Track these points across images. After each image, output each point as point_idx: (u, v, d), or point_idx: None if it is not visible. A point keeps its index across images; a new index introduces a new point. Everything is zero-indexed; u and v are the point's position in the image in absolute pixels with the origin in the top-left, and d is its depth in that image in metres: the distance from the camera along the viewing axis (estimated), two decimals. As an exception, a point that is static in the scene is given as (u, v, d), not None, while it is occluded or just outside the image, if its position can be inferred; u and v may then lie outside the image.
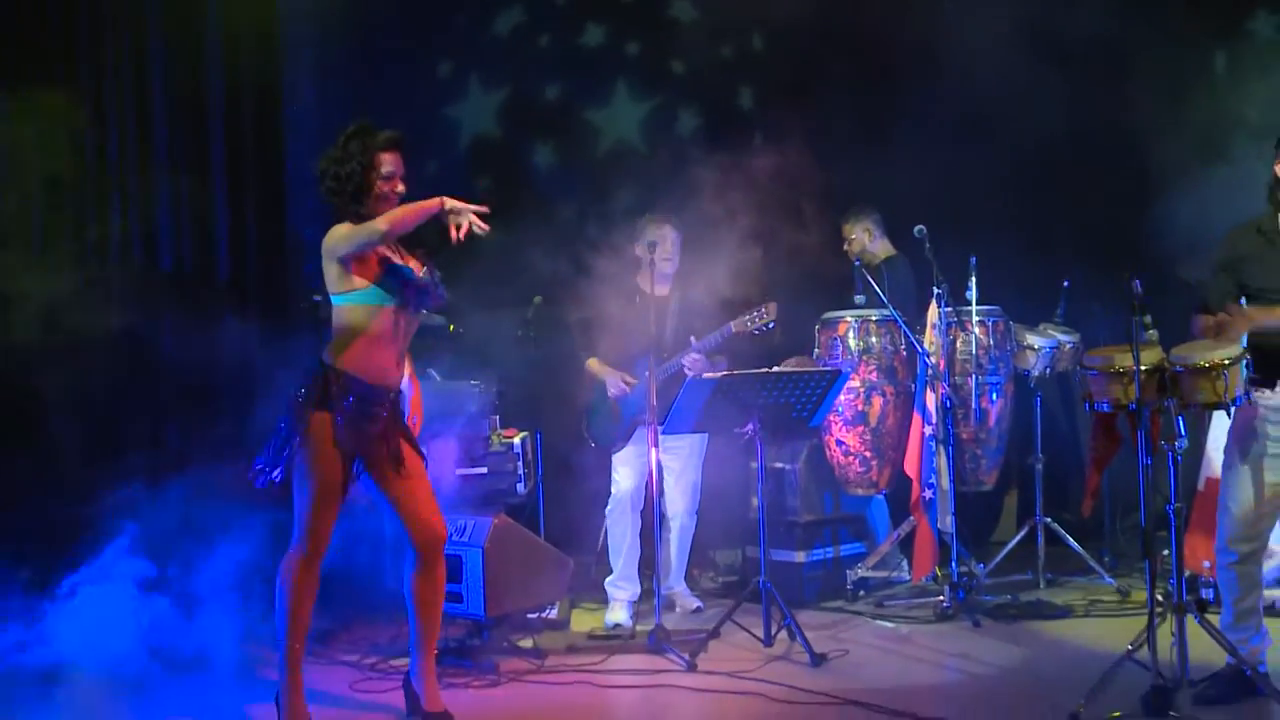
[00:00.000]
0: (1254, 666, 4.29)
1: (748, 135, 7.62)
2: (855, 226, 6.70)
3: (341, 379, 4.16)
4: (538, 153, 7.95)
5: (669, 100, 7.89)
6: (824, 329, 6.36)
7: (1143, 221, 6.41)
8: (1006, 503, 7.46)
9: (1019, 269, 6.56)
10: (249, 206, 6.74)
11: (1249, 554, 4.35)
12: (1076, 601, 5.91)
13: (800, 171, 6.18)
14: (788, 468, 6.26)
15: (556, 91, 7.86)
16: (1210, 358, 4.15)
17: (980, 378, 6.09)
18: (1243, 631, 4.37)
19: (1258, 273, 4.31)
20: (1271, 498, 4.29)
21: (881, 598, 6.07)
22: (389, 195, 4.26)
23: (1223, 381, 4.13)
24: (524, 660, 5.15)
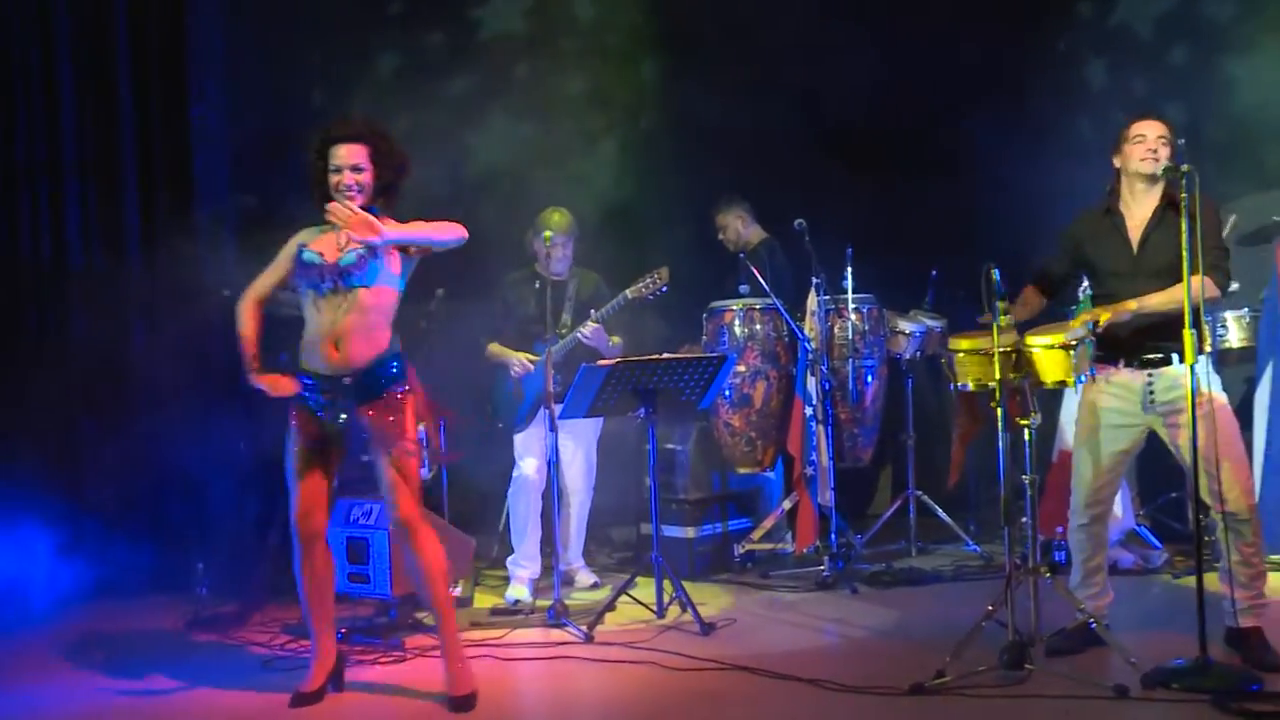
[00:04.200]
0: (1099, 620, 4.49)
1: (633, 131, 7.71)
2: (727, 215, 6.84)
3: (297, 373, 4.23)
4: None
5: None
6: (711, 318, 6.44)
7: (999, 214, 6.62)
8: (882, 478, 7.66)
9: (891, 259, 6.70)
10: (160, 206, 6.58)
11: (1096, 517, 4.54)
12: (945, 567, 6.11)
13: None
14: (678, 449, 6.34)
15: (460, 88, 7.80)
16: (1060, 340, 4.31)
17: (857, 361, 6.23)
18: (1090, 588, 4.57)
19: (1098, 253, 4.49)
20: (1112, 466, 4.48)
21: (767, 569, 6.19)
22: (346, 188, 4.18)
23: (1070, 361, 4.31)
24: (430, 636, 5.15)
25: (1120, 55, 7.60)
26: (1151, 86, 7.42)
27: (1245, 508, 4.30)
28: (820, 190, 6.77)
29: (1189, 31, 7.39)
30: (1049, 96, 7.39)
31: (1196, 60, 7.34)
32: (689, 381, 5.35)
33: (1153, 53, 7.50)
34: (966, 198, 7.10)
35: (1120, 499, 5.86)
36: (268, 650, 5.08)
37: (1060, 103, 7.48)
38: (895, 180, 7.33)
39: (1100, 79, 7.73)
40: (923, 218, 7.37)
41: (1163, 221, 4.38)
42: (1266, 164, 7.01)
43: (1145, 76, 7.48)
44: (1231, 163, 6.79)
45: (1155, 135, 4.37)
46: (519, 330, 5.90)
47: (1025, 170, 6.67)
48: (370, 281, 4.21)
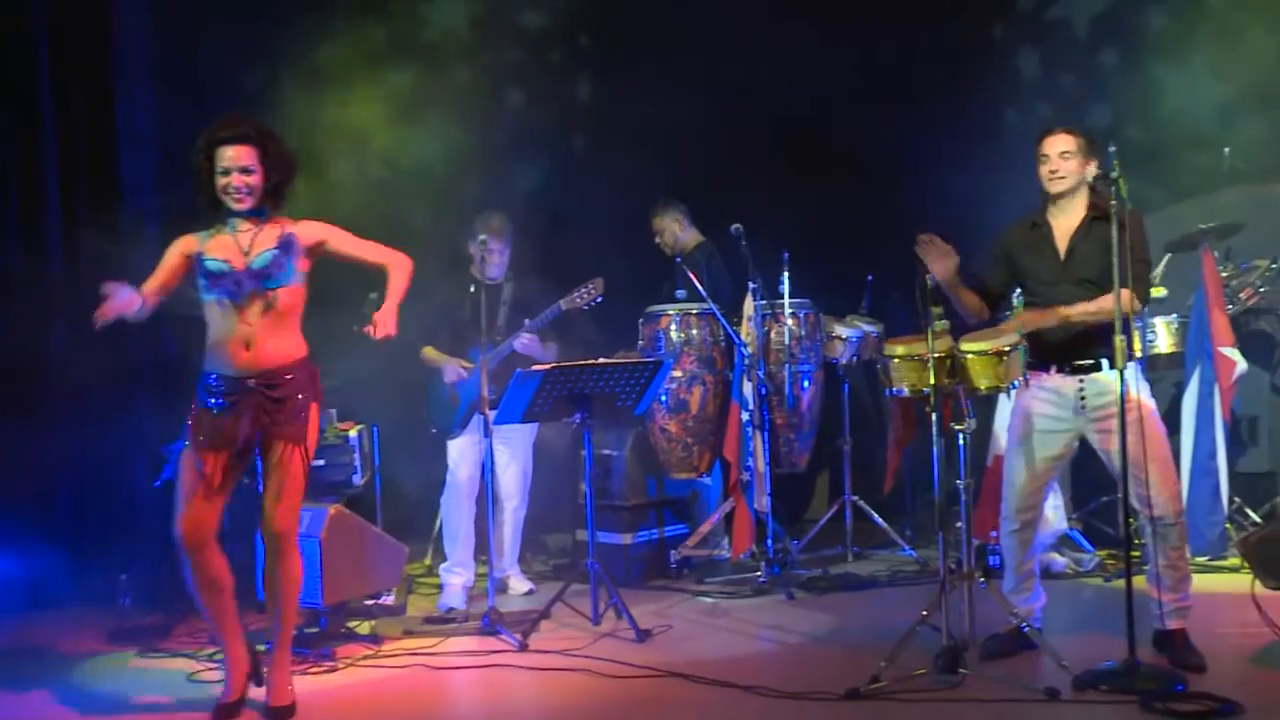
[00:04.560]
0: (1030, 623, 4.54)
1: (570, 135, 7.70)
2: (664, 218, 6.84)
3: (200, 373, 4.16)
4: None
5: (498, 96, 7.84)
6: (647, 323, 6.43)
7: (936, 217, 6.67)
8: (818, 483, 7.70)
9: (828, 264, 6.74)
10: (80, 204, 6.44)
11: (1027, 522, 4.59)
12: (881, 572, 6.15)
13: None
14: (614, 454, 6.32)
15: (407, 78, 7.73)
16: (993, 345, 4.36)
17: (793, 366, 6.25)
18: (1022, 593, 4.62)
19: (1027, 262, 4.55)
20: (1044, 471, 4.53)
21: (703, 575, 6.18)
22: (235, 190, 4.11)
23: (1003, 367, 4.35)
24: (361, 646, 5.09)
25: (1053, 53, 7.72)
26: (1082, 86, 7.55)
27: (1172, 512, 4.37)
28: (758, 194, 6.80)
29: (1121, 34, 7.52)
30: (984, 98, 7.48)
31: (1126, 63, 7.48)
32: (625, 387, 5.33)
33: (1086, 51, 7.61)
34: (903, 201, 7.14)
35: (1053, 503, 5.95)
36: (193, 662, 4.97)
37: (995, 104, 7.58)
38: (832, 184, 7.39)
39: (1033, 76, 7.85)
40: (859, 221, 7.42)
41: (1090, 231, 4.43)
42: (1192, 171, 7.15)
43: (1076, 75, 7.61)
44: (1157, 169, 6.92)
45: (1056, 153, 4.43)
46: (453, 335, 5.84)
47: (961, 172, 6.75)
48: (287, 280, 4.18)
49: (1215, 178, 6.95)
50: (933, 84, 7.40)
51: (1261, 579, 4.32)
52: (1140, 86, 7.31)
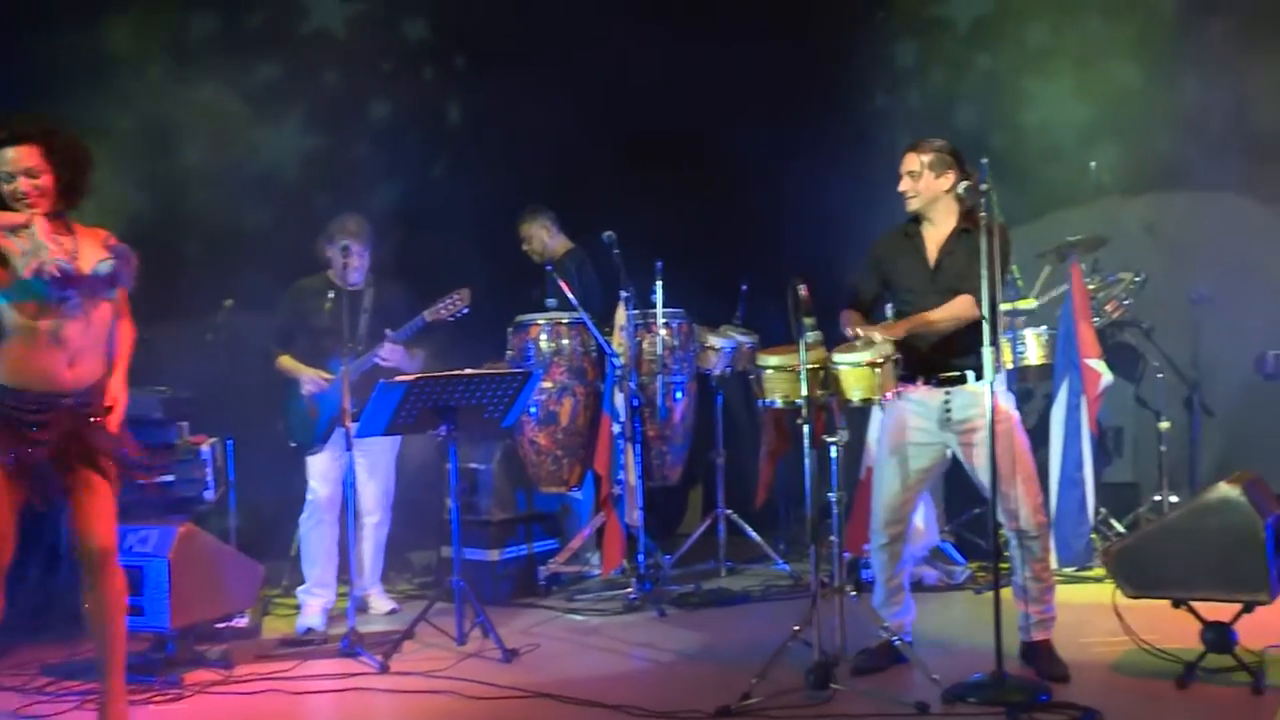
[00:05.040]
0: (901, 637, 4.63)
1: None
2: (532, 225, 6.82)
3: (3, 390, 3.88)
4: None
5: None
6: (516, 332, 6.40)
7: (810, 224, 6.80)
8: (691, 496, 7.75)
9: (701, 273, 6.79)
10: None
11: (896, 535, 4.68)
12: (754, 587, 6.20)
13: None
14: (481, 468, 6.27)
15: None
16: (865, 357, 4.43)
17: (666, 377, 6.27)
18: (892, 606, 4.71)
19: (897, 271, 4.65)
20: (913, 484, 4.63)
21: (573, 592, 6.17)
22: (23, 195, 3.88)
23: (876, 379, 4.42)
24: (211, 671, 4.94)
25: (930, 49, 7.92)
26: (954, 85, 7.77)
27: (1035, 525, 4.50)
28: (631, 201, 6.81)
29: (999, 41, 7.75)
30: (860, 105, 7.63)
31: (1000, 69, 7.72)
32: (492, 398, 5.29)
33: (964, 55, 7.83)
34: (778, 208, 7.26)
35: (925, 515, 6.08)
36: (23, 695, 4.74)
37: (872, 112, 7.73)
38: (707, 191, 7.46)
39: (911, 84, 8.04)
40: (734, 230, 7.51)
41: (960, 241, 4.55)
42: (1059, 184, 7.42)
43: (950, 75, 7.82)
44: (1025, 181, 7.15)
45: (905, 172, 4.56)
46: (311, 344, 5.71)
47: (836, 178, 6.87)
48: (113, 294, 4.02)
49: (1082, 191, 7.22)
50: (811, 91, 7.51)
51: (1122, 588, 4.47)
52: (1011, 95, 7.56)
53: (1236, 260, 7.10)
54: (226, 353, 6.08)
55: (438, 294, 5.64)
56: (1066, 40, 7.63)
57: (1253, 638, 4.43)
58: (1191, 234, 7.17)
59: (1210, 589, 4.30)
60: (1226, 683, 4.28)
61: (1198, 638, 4.35)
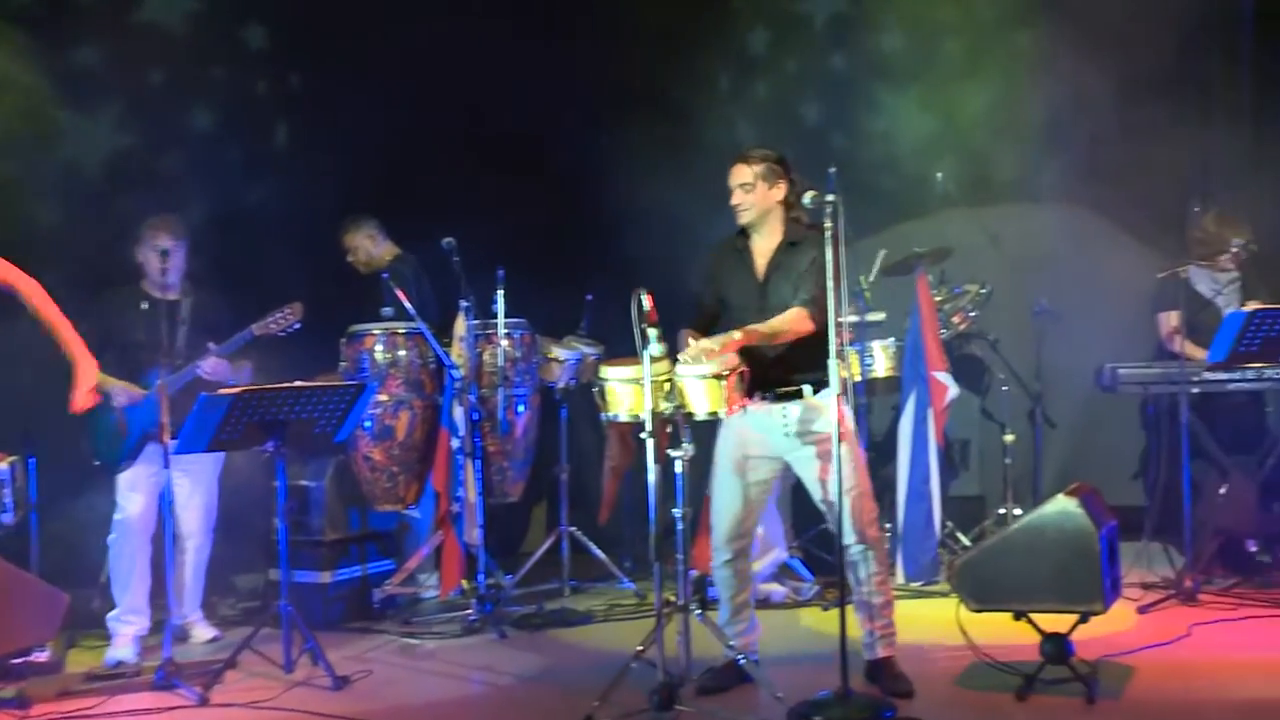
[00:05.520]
0: (747, 656, 4.72)
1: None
2: (355, 235, 6.76)
3: None
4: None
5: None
6: (350, 343, 6.33)
7: (656, 234, 6.89)
8: (534, 514, 7.76)
9: (545, 282, 6.82)
10: None
11: (739, 551, 4.78)
12: (598, 607, 6.25)
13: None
14: (312, 485, 6.18)
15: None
16: (711, 369, 4.51)
17: (507, 390, 6.28)
18: (738, 624, 4.81)
19: (728, 285, 4.75)
20: (754, 499, 4.74)
21: (409, 615, 6.13)
22: None
23: (721, 392, 4.52)
24: (4, 713, 4.74)
25: (786, 47, 8.09)
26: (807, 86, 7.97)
27: (871, 539, 4.64)
28: (470, 207, 6.82)
29: (854, 44, 7.98)
30: (707, 96, 7.74)
31: (853, 73, 7.95)
32: (324, 412, 5.23)
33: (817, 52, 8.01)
34: (623, 217, 7.33)
35: (773, 531, 6.23)
36: None
37: (717, 102, 7.84)
38: (550, 198, 7.49)
39: (760, 75, 8.20)
40: (578, 238, 7.55)
41: (787, 254, 4.68)
42: (909, 193, 7.68)
43: (805, 78, 8.01)
44: (870, 191, 7.39)
45: (736, 185, 4.68)
46: (122, 356, 5.53)
47: (683, 187, 6.98)
48: None
49: (928, 202, 7.49)
50: (657, 98, 7.61)
51: (965, 602, 4.66)
52: (861, 99, 7.80)
53: (1078, 272, 7.47)
54: (29, 361, 5.85)
55: (265, 305, 5.56)
56: (917, 49, 7.91)
57: (1089, 648, 4.68)
58: (1035, 246, 7.50)
59: (1048, 600, 4.51)
60: (1063, 693, 4.49)
61: (1038, 649, 4.56)
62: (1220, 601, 5.78)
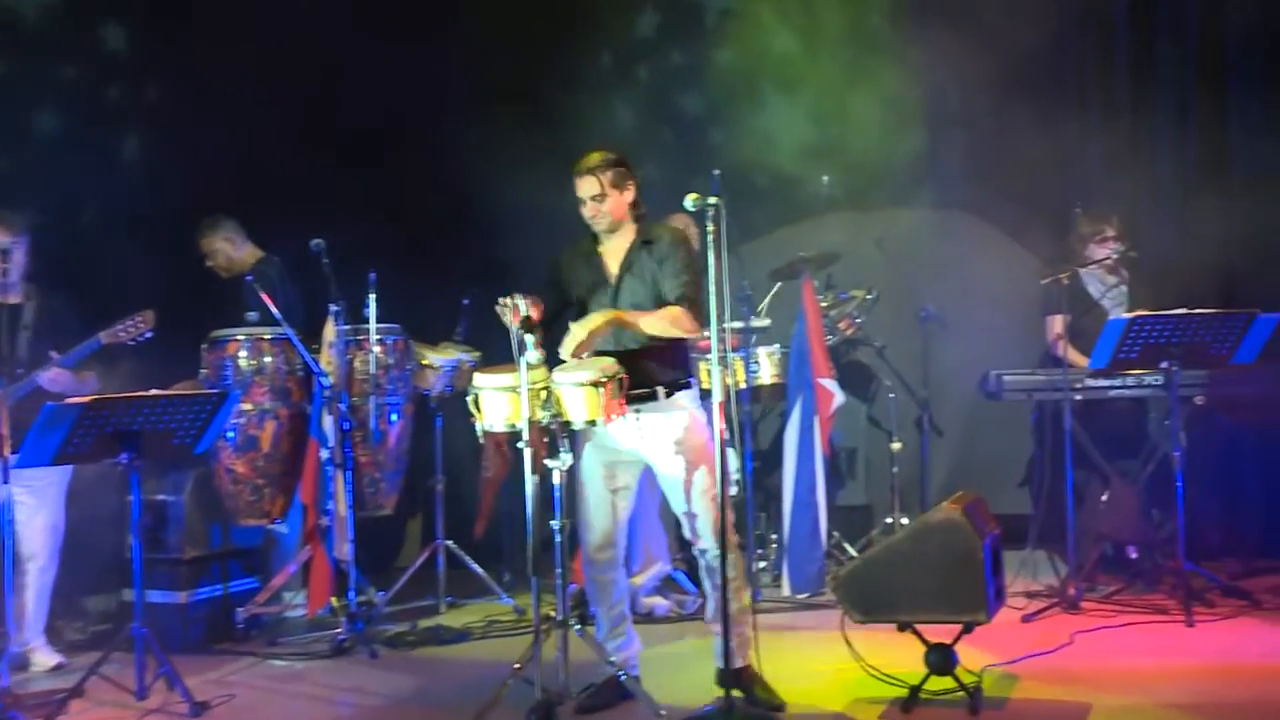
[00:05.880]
0: (628, 671, 4.74)
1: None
2: (213, 239, 6.65)
3: None
4: None
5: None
6: (212, 349, 6.23)
7: (535, 235, 6.88)
8: (408, 527, 7.70)
9: (419, 285, 6.78)
10: None
11: (610, 561, 4.79)
12: (475, 623, 6.22)
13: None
14: (170, 500, 6.05)
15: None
16: (589, 376, 4.51)
17: (379, 398, 6.23)
18: (616, 639, 4.82)
19: (580, 287, 4.79)
20: (619, 505, 4.76)
21: (275, 635, 6.04)
22: None
23: (599, 398, 4.52)
24: None
25: (674, 34, 8.14)
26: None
27: (721, 545, 4.60)
28: (340, 207, 6.75)
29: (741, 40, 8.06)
30: (588, 105, 7.75)
31: (741, 70, 8.03)
32: (183, 422, 5.11)
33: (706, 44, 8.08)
34: (501, 217, 7.32)
35: (657, 544, 6.26)
36: None
37: (599, 109, 7.86)
38: (424, 198, 7.44)
39: (645, 59, 8.23)
40: (454, 240, 7.52)
41: (640, 255, 4.72)
42: (795, 197, 7.80)
43: (690, 68, 8.08)
44: (755, 194, 7.48)
45: (589, 195, 4.70)
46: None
47: (563, 185, 6.97)
48: None
49: (814, 205, 7.60)
50: (530, 98, 7.60)
51: (850, 613, 4.73)
52: (746, 97, 7.88)
53: (964, 277, 7.65)
54: None
55: (116, 312, 5.42)
56: (805, 50, 8.02)
57: (973, 658, 4.78)
58: (921, 251, 7.67)
59: (933, 610, 4.60)
60: (948, 704, 4.59)
61: (922, 660, 4.65)
62: (1102, 609, 5.96)
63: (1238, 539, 7.04)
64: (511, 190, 7.05)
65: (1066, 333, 6.45)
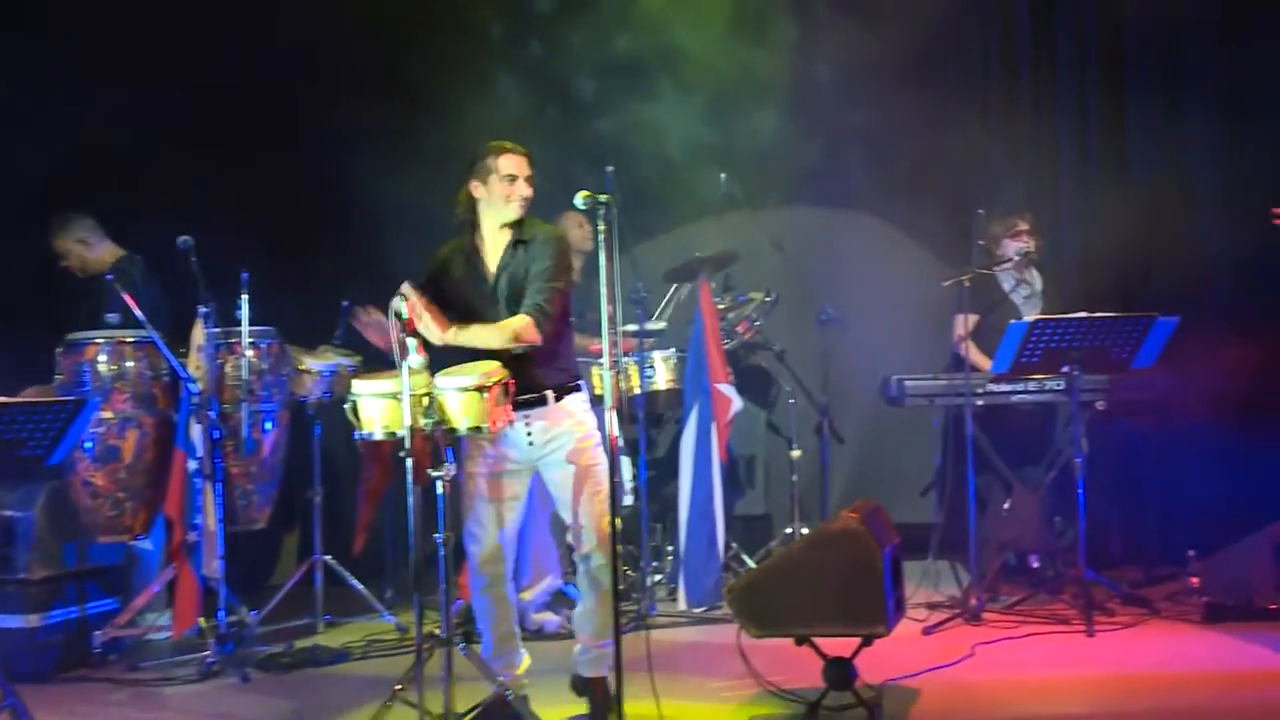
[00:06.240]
0: (516, 692, 4.73)
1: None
2: (65, 239, 6.54)
3: None
4: None
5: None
6: (68, 353, 6.11)
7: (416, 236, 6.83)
8: (284, 542, 7.61)
9: (295, 287, 6.70)
10: None
11: (499, 575, 4.78)
12: (355, 643, 6.17)
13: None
14: (19, 515, 5.87)
15: None
16: (474, 381, 4.51)
17: (252, 405, 6.15)
18: (504, 658, 4.81)
19: (457, 285, 4.78)
20: (508, 516, 4.75)
21: (137, 659, 5.92)
22: None
23: (484, 404, 4.51)
24: None
25: (573, 11, 8.13)
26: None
27: (606, 551, 4.66)
28: (210, 203, 6.66)
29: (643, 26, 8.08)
30: (474, 91, 7.72)
31: (640, 59, 8.04)
32: (34, 431, 4.96)
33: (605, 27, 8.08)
34: (384, 214, 7.26)
35: (547, 557, 6.26)
36: None
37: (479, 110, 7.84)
38: (299, 191, 7.35)
39: (537, 34, 8.21)
40: (333, 238, 7.44)
41: (515, 255, 4.75)
42: (691, 196, 7.84)
43: (587, 49, 8.06)
44: (650, 190, 7.51)
45: (523, 175, 4.73)
46: None
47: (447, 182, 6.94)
48: None
49: (712, 204, 7.65)
50: (409, 89, 7.54)
51: (746, 627, 4.77)
52: (644, 88, 7.92)
53: (865, 279, 7.76)
54: None
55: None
56: (704, 43, 8.07)
57: (873, 671, 4.86)
58: (821, 251, 7.76)
59: (831, 623, 4.65)
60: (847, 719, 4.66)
61: (821, 675, 4.71)
62: (1004, 620, 6.10)
63: (1138, 546, 7.25)
64: (393, 183, 7.01)
65: (983, 333, 6.58)
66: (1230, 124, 7.36)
